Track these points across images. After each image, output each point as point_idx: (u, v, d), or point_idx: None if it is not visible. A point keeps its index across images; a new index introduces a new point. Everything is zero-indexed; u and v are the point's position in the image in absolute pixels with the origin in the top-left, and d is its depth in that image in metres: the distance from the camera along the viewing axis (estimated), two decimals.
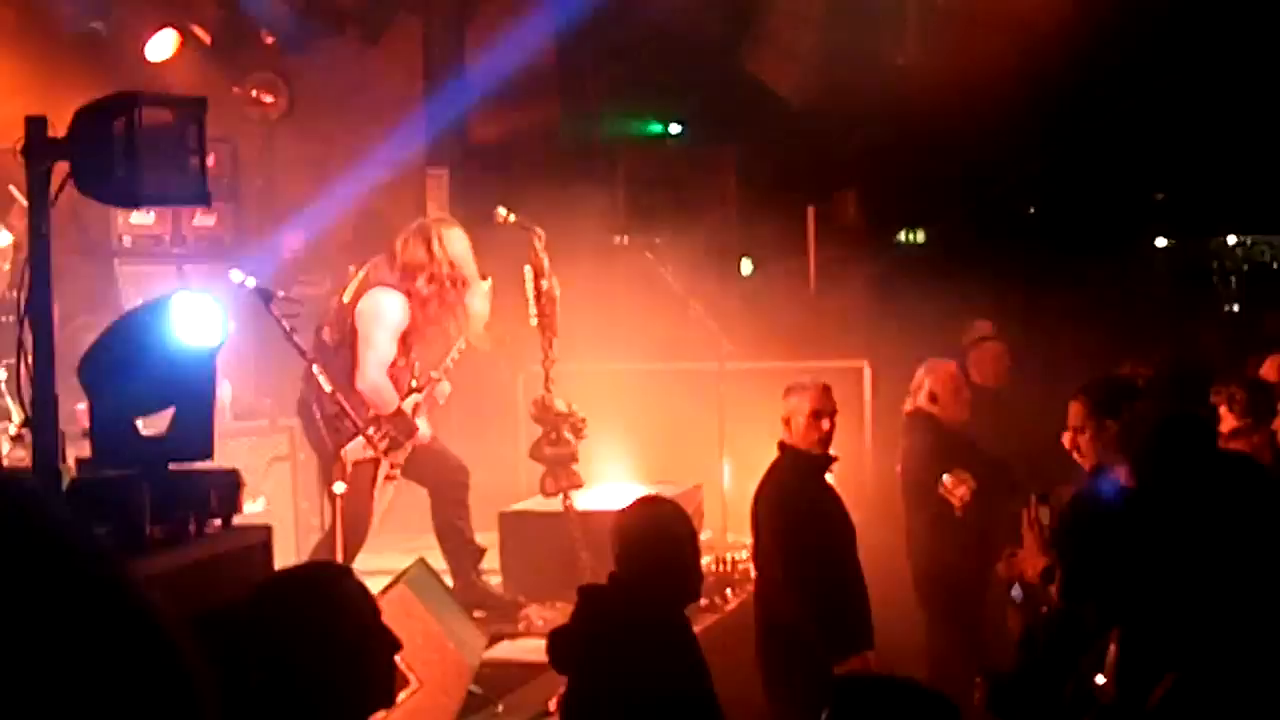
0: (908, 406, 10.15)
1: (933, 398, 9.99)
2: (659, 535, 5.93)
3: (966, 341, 12.40)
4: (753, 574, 8.93)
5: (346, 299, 9.38)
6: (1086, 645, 4.70)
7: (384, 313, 9.28)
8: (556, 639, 6.05)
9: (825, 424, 8.41)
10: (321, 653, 4.31)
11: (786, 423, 8.38)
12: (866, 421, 11.75)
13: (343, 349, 9.25)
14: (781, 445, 8.42)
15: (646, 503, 6.33)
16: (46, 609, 1.29)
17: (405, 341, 9.40)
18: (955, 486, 9.66)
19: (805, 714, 7.99)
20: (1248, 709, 4.24)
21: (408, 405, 9.43)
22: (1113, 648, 4.41)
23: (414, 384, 9.53)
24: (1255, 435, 7.89)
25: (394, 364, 9.35)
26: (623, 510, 6.22)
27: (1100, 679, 4.44)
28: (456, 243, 9.46)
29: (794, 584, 8.13)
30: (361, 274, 9.46)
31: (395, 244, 9.44)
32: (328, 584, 4.51)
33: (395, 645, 4.44)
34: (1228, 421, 8.10)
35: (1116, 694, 4.34)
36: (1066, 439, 8.23)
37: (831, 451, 8.50)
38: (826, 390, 8.52)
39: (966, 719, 3.69)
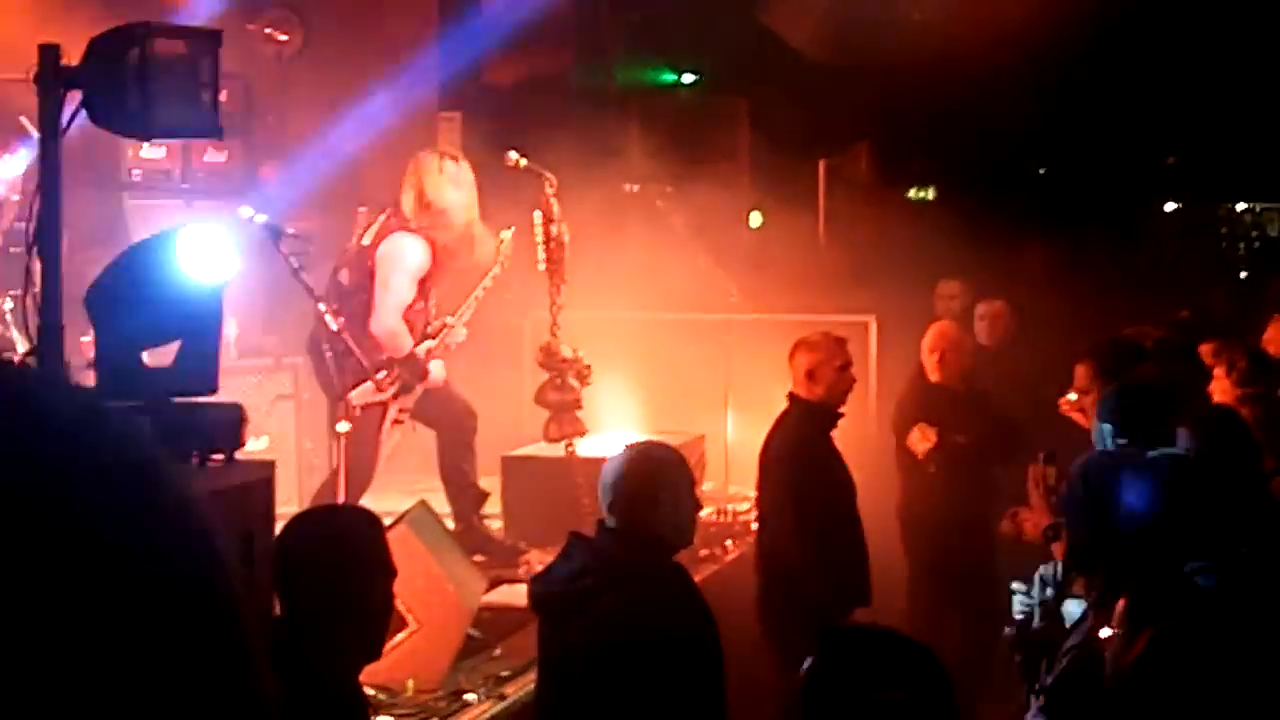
0: None
1: (927, 354, 10.18)
2: (646, 482, 5.91)
3: (937, 302, 12.45)
4: (754, 525, 8.95)
5: (367, 241, 9.35)
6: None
7: (405, 256, 9.25)
8: (538, 582, 6.06)
9: (852, 374, 8.48)
10: (343, 596, 4.36)
11: (809, 374, 8.34)
12: (871, 377, 11.73)
13: (360, 291, 9.23)
14: (792, 397, 8.41)
15: (635, 449, 6.30)
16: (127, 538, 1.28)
17: (423, 285, 9.38)
18: (916, 440, 9.86)
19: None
20: (1221, 667, 4.26)
21: (421, 350, 9.41)
22: (1121, 601, 4.42)
23: (428, 330, 9.52)
24: (1258, 407, 7.86)
25: (410, 307, 9.33)
26: (612, 457, 6.21)
27: (1106, 632, 4.45)
28: (431, 174, 9.40)
29: (799, 536, 8.14)
30: (382, 217, 9.42)
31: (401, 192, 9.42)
32: (365, 533, 4.57)
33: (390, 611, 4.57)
34: (1224, 386, 8.08)
35: (1122, 646, 4.36)
36: (1065, 403, 8.26)
37: (841, 409, 8.54)
38: (845, 342, 8.61)
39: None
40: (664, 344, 11.97)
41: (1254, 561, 5.15)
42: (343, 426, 8.47)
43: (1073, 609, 5.50)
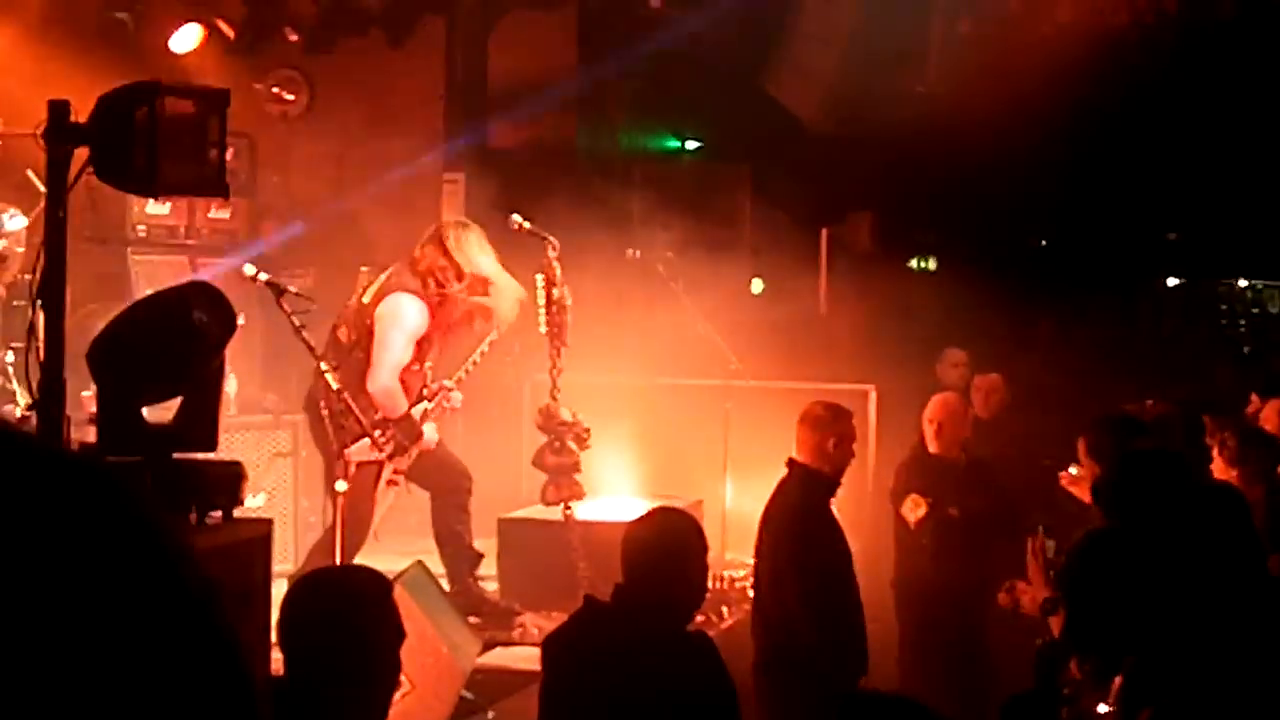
0: None
1: (926, 424, 10.19)
2: (668, 548, 5.90)
3: (948, 369, 12.49)
4: (750, 592, 8.92)
5: (366, 300, 9.37)
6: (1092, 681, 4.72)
7: (404, 317, 9.27)
8: (553, 644, 6.03)
9: (852, 449, 8.50)
10: (351, 659, 4.34)
11: (814, 442, 8.35)
12: (870, 446, 11.73)
13: (357, 350, 9.24)
14: (793, 464, 8.40)
15: (656, 515, 6.30)
16: (127, 597, 1.28)
17: (420, 347, 9.39)
18: (910, 510, 9.86)
19: None
20: None
21: (416, 412, 9.41)
22: (1118, 679, 4.41)
23: (425, 391, 9.52)
24: (1257, 484, 7.85)
25: (407, 368, 9.34)
26: (635, 521, 6.19)
27: (1104, 708, 4.44)
28: (472, 245, 9.45)
29: (799, 603, 8.13)
30: (383, 276, 9.45)
31: (414, 250, 9.44)
32: (376, 596, 4.56)
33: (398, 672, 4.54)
34: (1219, 467, 8.07)
35: None
36: (1065, 477, 8.26)
37: (840, 479, 8.53)
38: (850, 415, 8.62)
39: None
40: (663, 409, 11.98)
41: (1252, 639, 5.14)
42: (341, 485, 8.46)
43: None
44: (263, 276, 8.54)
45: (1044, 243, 22.19)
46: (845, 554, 8.48)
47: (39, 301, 6.19)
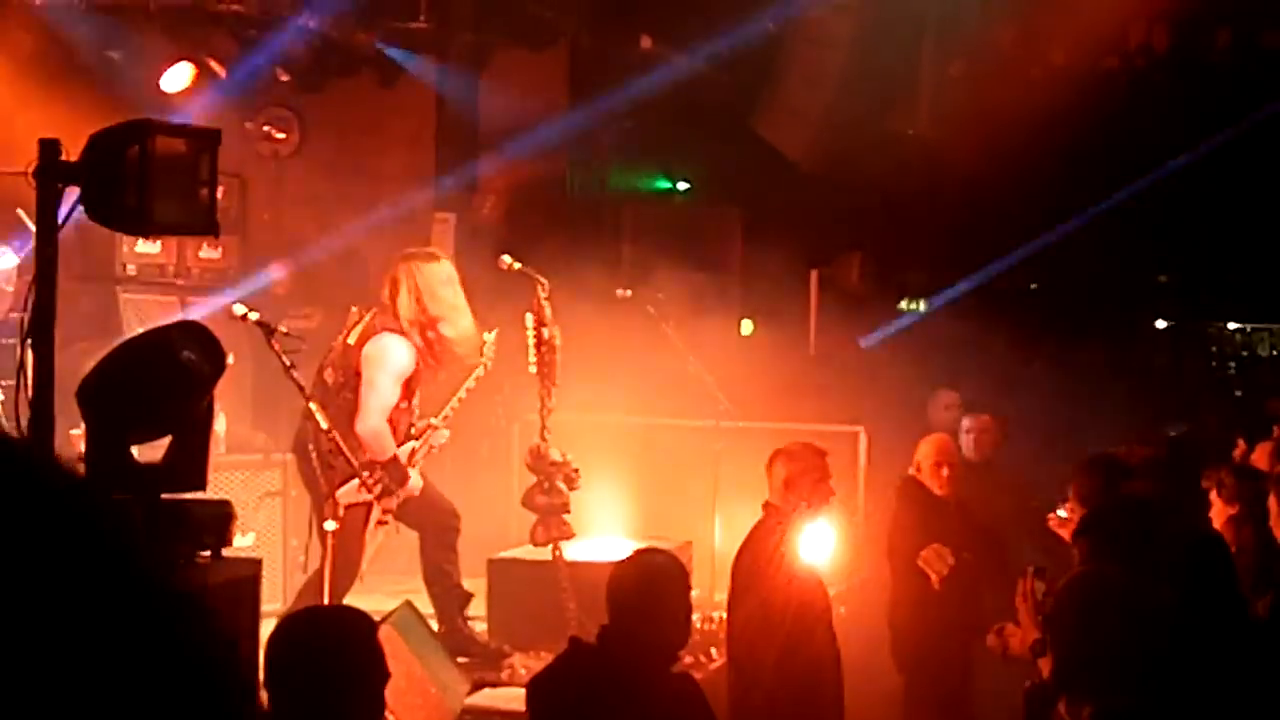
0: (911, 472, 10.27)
1: (919, 467, 10.10)
2: (650, 589, 5.91)
3: (940, 411, 12.48)
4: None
5: (352, 340, 9.34)
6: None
7: (390, 358, 9.25)
8: (538, 685, 6.02)
9: (830, 487, 8.41)
10: (334, 698, 4.33)
11: (789, 484, 8.29)
12: (860, 487, 11.74)
13: (345, 391, 9.22)
14: (767, 506, 8.37)
15: (639, 556, 6.30)
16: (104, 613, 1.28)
17: (408, 387, 9.37)
18: (932, 561, 9.74)
19: None
20: None
21: (403, 452, 9.40)
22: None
23: (412, 430, 9.50)
24: (1249, 525, 7.86)
25: (395, 407, 9.32)
26: (618, 562, 6.20)
27: None
28: (426, 276, 9.43)
29: (765, 647, 8.06)
30: (368, 317, 9.43)
31: (382, 292, 9.42)
32: (359, 635, 4.55)
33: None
34: (1218, 508, 8.08)
35: None
36: (1053, 519, 8.25)
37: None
38: (825, 455, 8.52)
39: None
40: (653, 450, 11.97)
41: (1234, 681, 5.15)
42: (330, 525, 8.45)
43: None
44: (252, 316, 8.54)
45: (1034, 285, 22.22)
46: (817, 598, 8.36)
47: (28, 340, 6.18)
